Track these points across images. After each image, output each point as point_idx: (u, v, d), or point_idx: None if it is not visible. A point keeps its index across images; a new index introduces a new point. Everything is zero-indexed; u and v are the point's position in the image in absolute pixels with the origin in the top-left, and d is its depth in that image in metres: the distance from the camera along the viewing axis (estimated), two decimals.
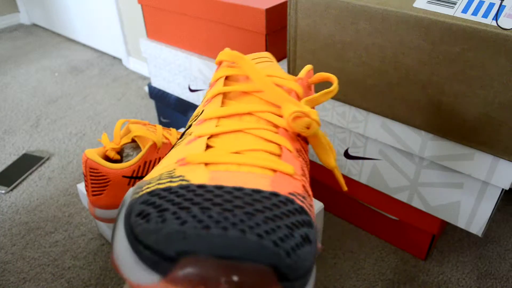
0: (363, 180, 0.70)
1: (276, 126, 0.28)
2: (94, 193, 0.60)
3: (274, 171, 0.24)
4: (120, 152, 0.64)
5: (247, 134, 0.27)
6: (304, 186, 0.25)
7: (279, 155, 0.26)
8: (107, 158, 0.62)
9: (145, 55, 0.96)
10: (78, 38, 1.73)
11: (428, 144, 0.56)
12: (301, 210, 0.21)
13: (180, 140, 0.29)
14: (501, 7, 0.44)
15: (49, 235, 0.80)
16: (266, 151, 0.26)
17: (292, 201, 0.21)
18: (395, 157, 0.63)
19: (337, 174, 0.33)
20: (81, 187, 0.75)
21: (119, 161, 0.63)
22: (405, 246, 0.75)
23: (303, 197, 0.23)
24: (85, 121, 1.18)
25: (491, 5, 0.45)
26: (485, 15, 0.45)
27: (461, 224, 0.60)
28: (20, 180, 0.95)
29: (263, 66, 0.34)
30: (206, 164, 0.24)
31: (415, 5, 0.49)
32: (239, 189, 0.21)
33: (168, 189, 0.20)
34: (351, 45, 0.55)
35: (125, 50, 1.47)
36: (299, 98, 0.32)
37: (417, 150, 0.58)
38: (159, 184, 0.21)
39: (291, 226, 0.19)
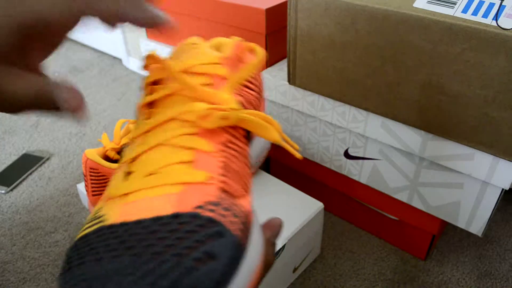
0: (363, 180, 0.70)
1: (198, 126, 0.26)
2: (94, 193, 0.60)
3: (185, 183, 0.23)
4: (120, 152, 0.64)
5: (165, 146, 0.25)
6: (221, 188, 0.24)
7: (192, 162, 0.24)
8: (107, 158, 0.62)
9: (145, 55, 0.96)
10: (78, 38, 1.73)
11: (428, 144, 0.56)
12: (208, 223, 0.20)
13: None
14: (501, 7, 0.44)
15: (49, 235, 0.80)
16: (180, 163, 0.24)
17: (196, 216, 0.21)
18: (395, 157, 0.63)
19: (285, 145, 0.32)
20: (81, 187, 0.75)
21: (119, 161, 0.63)
22: (405, 246, 0.75)
23: (216, 203, 0.22)
24: (85, 121, 1.18)
25: (491, 5, 0.45)
26: (485, 15, 0.45)
27: (461, 224, 0.60)
28: (20, 180, 0.95)
29: (188, 56, 0.30)
30: (124, 194, 0.23)
31: (415, 5, 0.49)
32: (140, 222, 0.20)
33: (85, 237, 0.21)
34: (351, 45, 0.55)
35: (125, 50, 1.47)
36: (224, 79, 0.29)
37: (417, 150, 0.58)
38: (84, 229, 0.22)
39: (186, 249, 0.19)
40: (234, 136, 0.28)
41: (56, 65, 1.54)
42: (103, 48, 1.62)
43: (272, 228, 0.28)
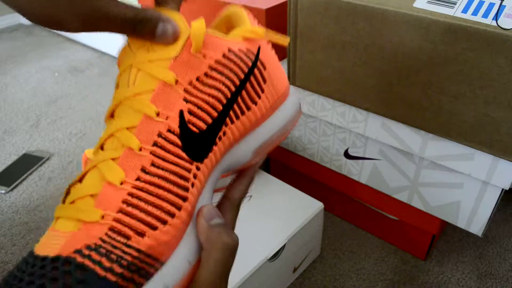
0: (363, 180, 0.70)
1: (126, 145, 0.25)
2: None
3: (81, 222, 0.23)
4: None
5: (94, 172, 0.25)
6: (111, 228, 0.23)
7: (97, 196, 0.24)
8: None
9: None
10: (78, 38, 1.73)
11: (428, 144, 0.56)
12: (76, 269, 0.21)
13: None
14: (501, 7, 0.44)
15: None
16: (88, 196, 0.24)
17: (69, 261, 0.21)
18: (395, 157, 0.63)
19: (270, 37, 0.29)
20: None
21: None
22: (405, 246, 0.75)
23: (95, 247, 0.22)
24: (85, 121, 1.18)
25: (491, 5, 0.45)
26: (485, 15, 0.45)
27: (461, 224, 0.60)
28: (20, 180, 0.94)
29: (145, 49, 0.27)
30: (56, 218, 0.24)
31: (415, 5, 0.49)
32: (36, 258, 0.22)
33: (17, 266, 0.22)
34: (351, 45, 0.55)
35: None
36: (170, 87, 0.26)
37: (417, 150, 0.58)
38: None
39: None
40: (160, 156, 0.25)
41: (56, 65, 1.54)
42: (103, 48, 1.62)
43: (201, 213, 0.26)
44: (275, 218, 0.65)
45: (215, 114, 0.27)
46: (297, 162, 0.80)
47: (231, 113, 0.28)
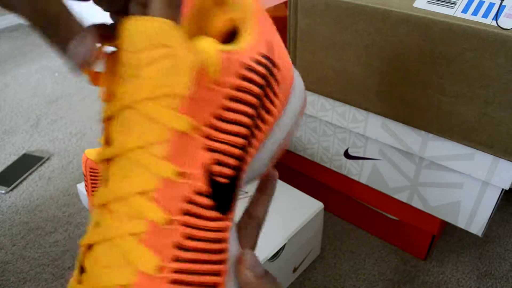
0: (363, 180, 0.70)
1: (147, 221, 0.19)
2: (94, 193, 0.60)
3: None
4: None
5: (113, 247, 0.20)
6: None
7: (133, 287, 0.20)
8: None
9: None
10: None
11: (428, 144, 0.56)
12: None
13: None
14: (501, 7, 0.44)
15: (49, 235, 0.80)
16: (121, 286, 0.19)
17: None
18: (395, 157, 0.63)
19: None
20: (81, 187, 0.75)
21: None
22: (405, 246, 0.75)
23: None
24: (85, 121, 1.18)
25: (491, 5, 0.45)
26: (485, 15, 0.45)
27: (461, 224, 0.60)
28: (20, 180, 0.95)
29: (130, 84, 0.20)
30: None
31: (415, 5, 0.49)
32: None
33: None
34: (351, 45, 0.55)
35: None
36: (186, 136, 0.20)
37: (417, 150, 0.58)
38: None
39: None
40: (195, 226, 0.20)
41: (56, 65, 1.54)
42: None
43: (245, 263, 0.23)
44: (275, 218, 0.65)
45: (240, 152, 0.22)
46: (297, 162, 0.80)
47: (251, 138, 0.23)
